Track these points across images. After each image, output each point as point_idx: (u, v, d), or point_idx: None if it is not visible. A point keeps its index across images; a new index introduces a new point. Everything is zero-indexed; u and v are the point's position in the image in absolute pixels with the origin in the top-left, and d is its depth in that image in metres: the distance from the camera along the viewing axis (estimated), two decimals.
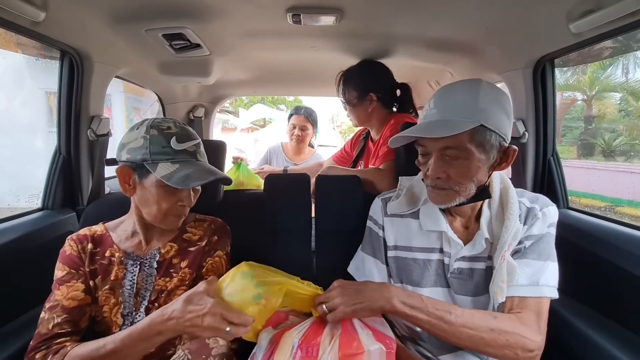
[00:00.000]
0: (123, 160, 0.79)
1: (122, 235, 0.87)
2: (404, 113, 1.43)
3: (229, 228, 0.98)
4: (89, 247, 0.84)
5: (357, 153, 1.61)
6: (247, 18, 1.08)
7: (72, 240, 0.84)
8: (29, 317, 0.97)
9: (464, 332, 0.71)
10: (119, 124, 6.56)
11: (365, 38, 1.26)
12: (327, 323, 0.76)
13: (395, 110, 1.45)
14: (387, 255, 0.91)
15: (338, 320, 0.75)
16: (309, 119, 2.21)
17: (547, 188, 1.24)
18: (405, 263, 0.88)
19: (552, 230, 0.81)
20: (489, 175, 0.79)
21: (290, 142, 2.28)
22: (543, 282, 0.76)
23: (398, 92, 1.44)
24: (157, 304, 0.83)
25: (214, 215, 0.99)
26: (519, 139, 1.22)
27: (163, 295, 0.84)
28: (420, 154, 0.81)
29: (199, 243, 0.90)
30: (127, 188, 0.82)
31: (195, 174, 0.77)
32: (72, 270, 0.81)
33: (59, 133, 1.19)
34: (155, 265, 0.85)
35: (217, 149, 1.15)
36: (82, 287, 0.81)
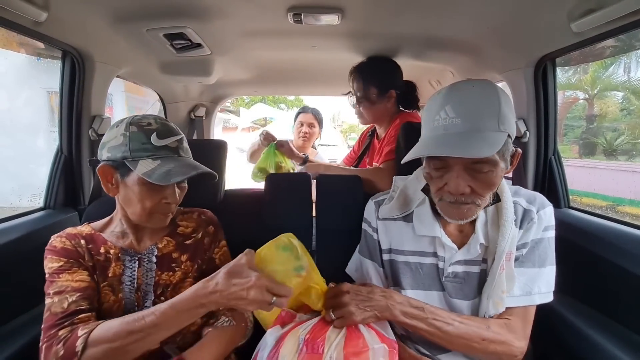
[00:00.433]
0: (104, 160, 0.78)
1: (112, 236, 0.84)
2: (410, 112, 1.43)
3: (229, 227, 0.98)
4: (83, 243, 0.80)
5: (362, 150, 1.61)
6: (248, 18, 1.08)
7: (60, 238, 0.79)
8: (31, 315, 0.97)
9: (458, 341, 0.75)
10: None
11: (366, 37, 1.26)
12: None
13: (401, 109, 1.44)
14: (382, 258, 0.90)
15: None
16: (317, 118, 2.22)
17: (548, 187, 1.24)
18: (400, 266, 0.87)
19: (548, 234, 0.79)
20: None
21: (297, 140, 2.27)
22: (536, 290, 0.77)
23: None
24: (163, 298, 0.82)
25: (215, 215, 0.99)
26: (520, 139, 1.22)
27: (169, 290, 0.84)
28: (434, 168, 0.73)
29: (194, 235, 0.90)
30: (109, 187, 0.80)
31: (177, 170, 0.75)
32: (71, 260, 0.77)
33: (61, 133, 1.20)
34: (155, 260, 0.84)
35: (218, 149, 1.16)
36: (86, 273, 0.77)
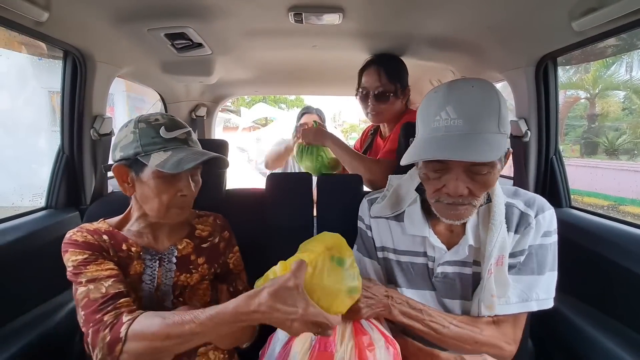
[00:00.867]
0: (117, 160, 0.79)
1: (129, 234, 0.85)
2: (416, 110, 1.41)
3: (230, 226, 0.99)
4: (106, 238, 0.80)
5: (364, 149, 1.60)
6: (248, 17, 1.08)
7: (81, 232, 0.78)
8: (33, 315, 0.98)
9: (451, 342, 0.77)
10: (122, 124, 6.55)
11: (367, 37, 1.26)
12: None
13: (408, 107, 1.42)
14: (378, 256, 0.90)
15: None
16: (321, 118, 2.22)
17: (549, 187, 1.24)
18: (392, 265, 0.87)
19: (548, 240, 0.77)
20: None
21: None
22: (533, 297, 0.76)
23: None
24: (181, 299, 0.84)
25: (217, 213, 1.00)
26: (522, 138, 1.22)
27: (187, 291, 0.85)
28: (433, 170, 0.71)
29: (210, 239, 0.92)
30: (126, 187, 0.81)
31: (188, 157, 0.76)
32: (95, 252, 0.76)
33: (62, 132, 1.20)
34: (175, 261, 0.85)
35: (219, 148, 1.16)
36: (112, 263, 0.76)
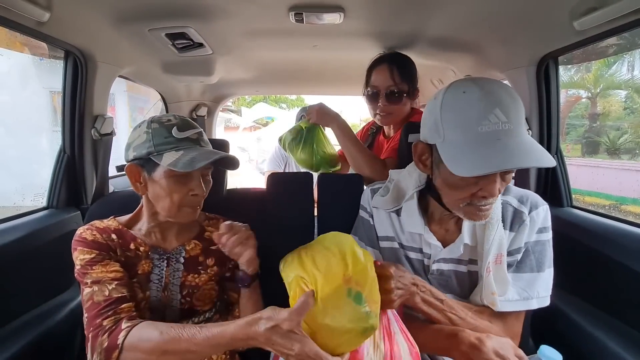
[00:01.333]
0: (130, 160, 0.81)
1: (139, 233, 0.86)
2: (421, 110, 1.39)
3: None
4: (114, 237, 0.81)
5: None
6: (249, 17, 1.08)
7: (91, 230, 0.80)
8: (34, 314, 0.98)
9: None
10: (123, 123, 6.60)
11: (368, 36, 1.26)
12: None
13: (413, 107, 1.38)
14: (379, 245, 0.91)
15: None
16: None
17: (550, 186, 1.24)
18: (391, 257, 0.88)
19: (543, 236, 0.78)
20: None
21: None
22: (534, 294, 0.77)
23: None
24: (189, 299, 0.85)
25: (217, 213, 1.00)
26: None
27: (194, 291, 0.86)
28: (476, 176, 0.67)
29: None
30: (138, 187, 0.82)
31: (200, 156, 0.77)
32: (102, 252, 0.77)
33: (63, 132, 1.20)
34: (182, 261, 0.86)
35: (220, 148, 1.15)
36: (118, 265, 0.77)
